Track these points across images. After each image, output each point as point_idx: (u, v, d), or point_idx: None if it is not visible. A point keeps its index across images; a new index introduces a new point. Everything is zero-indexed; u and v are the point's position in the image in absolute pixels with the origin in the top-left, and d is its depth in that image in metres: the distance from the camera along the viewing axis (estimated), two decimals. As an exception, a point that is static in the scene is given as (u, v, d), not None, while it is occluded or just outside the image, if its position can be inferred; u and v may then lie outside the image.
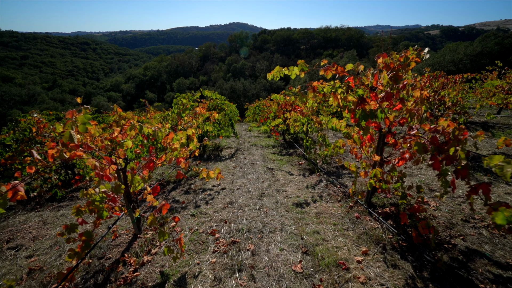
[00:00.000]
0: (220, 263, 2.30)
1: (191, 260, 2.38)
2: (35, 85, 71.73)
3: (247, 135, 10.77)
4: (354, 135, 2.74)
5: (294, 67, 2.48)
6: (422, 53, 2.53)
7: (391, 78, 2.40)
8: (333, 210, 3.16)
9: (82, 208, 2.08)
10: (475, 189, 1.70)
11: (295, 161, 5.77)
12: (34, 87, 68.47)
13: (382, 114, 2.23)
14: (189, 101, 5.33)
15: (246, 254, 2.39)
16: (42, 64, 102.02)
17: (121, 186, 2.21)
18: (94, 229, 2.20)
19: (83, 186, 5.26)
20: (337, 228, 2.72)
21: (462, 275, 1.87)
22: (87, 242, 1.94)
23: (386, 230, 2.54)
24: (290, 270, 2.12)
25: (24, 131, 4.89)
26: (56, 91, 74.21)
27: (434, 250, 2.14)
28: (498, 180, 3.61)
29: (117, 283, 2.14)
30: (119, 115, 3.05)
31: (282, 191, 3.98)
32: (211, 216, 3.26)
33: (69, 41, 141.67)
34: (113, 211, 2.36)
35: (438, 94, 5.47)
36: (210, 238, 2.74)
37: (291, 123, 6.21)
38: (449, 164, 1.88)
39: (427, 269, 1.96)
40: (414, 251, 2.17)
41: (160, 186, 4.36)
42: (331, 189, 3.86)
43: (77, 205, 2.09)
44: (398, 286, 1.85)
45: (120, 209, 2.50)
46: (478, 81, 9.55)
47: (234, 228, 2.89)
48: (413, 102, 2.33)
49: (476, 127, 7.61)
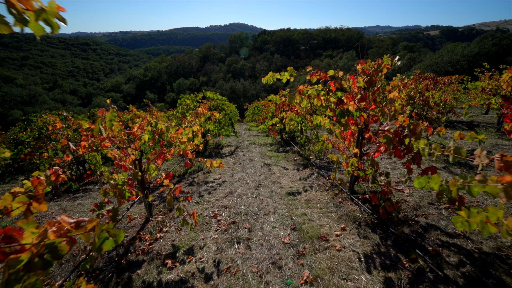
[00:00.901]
0: (221, 238, 2.74)
1: (197, 236, 2.81)
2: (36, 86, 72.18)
3: (246, 134, 11.21)
4: (336, 130, 3.17)
5: (284, 73, 2.91)
6: (394, 60, 2.97)
7: (367, 82, 2.84)
8: (321, 197, 3.60)
9: (108, 190, 2.52)
10: (425, 171, 2.13)
11: (290, 158, 6.21)
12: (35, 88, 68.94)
13: (357, 112, 2.67)
14: (193, 101, 5.76)
15: (244, 231, 2.83)
16: (43, 65, 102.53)
17: (139, 173, 2.65)
18: (119, 206, 2.62)
19: (94, 180, 5.69)
20: (322, 211, 3.15)
21: (417, 241, 2.31)
22: (114, 217, 2.37)
23: (363, 211, 2.98)
24: (280, 241, 2.55)
25: (41, 129, 5.32)
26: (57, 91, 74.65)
27: (399, 225, 2.58)
28: (470, 172, 4.06)
29: (136, 253, 2.57)
30: (134, 114, 3.50)
31: (277, 182, 4.42)
32: (213, 203, 3.69)
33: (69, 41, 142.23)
34: (130, 195, 2.79)
35: (422, 95, 5.91)
36: (213, 220, 3.17)
37: (286, 122, 6.64)
38: (408, 153, 2.31)
39: (391, 238, 2.40)
40: (382, 226, 2.62)
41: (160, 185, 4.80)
42: (320, 181, 4.30)
43: (103, 188, 2.52)
44: (366, 251, 2.28)
45: (136, 194, 2.93)
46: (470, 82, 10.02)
47: (233, 212, 3.33)
48: (384, 102, 2.77)
49: (462, 126, 8.06)
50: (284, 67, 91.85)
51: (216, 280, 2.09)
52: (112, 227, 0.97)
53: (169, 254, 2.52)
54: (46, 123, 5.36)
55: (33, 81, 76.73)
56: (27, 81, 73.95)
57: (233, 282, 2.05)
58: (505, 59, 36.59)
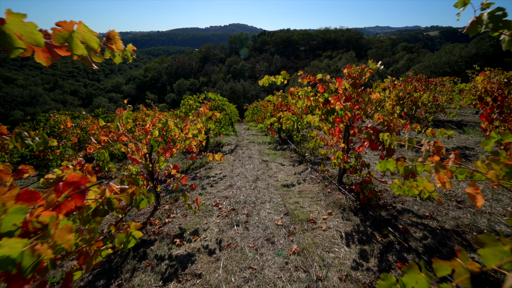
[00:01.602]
0: (223, 222, 3.11)
1: (201, 221, 3.18)
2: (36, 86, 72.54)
3: (246, 133, 11.59)
4: (325, 128, 3.55)
5: (278, 76, 3.28)
6: (377, 65, 3.34)
7: (352, 84, 3.21)
8: (312, 189, 3.97)
9: (124, 179, 2.89)
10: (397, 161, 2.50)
11: (287, 155, 6.58)
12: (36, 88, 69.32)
13: (342, 111, 3.04)
14: (195, 102, 6.14)
15: (242, 216, 3.20)
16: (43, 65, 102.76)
17: (149, 165, 3.03)
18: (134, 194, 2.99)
19: (102, 176, 6.05)
20: (313, 200, 3.52)
21: (391, 222, 2.68)
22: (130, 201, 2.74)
23: (348, 199, 3.35)
24: (274, 224, 2.92)
25: (53, 127, 5.69)
26: (57, 92, 75.01)
27: (378, 209, 2.95)
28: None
29: (148, 234, 2.94)
30: (144, 112, 3.88)
31: (274, 177, 4.79)
32: (215, 194, 4.06)
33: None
34: (142, 184, 3.16)
35: (411, 96, 6.28)
36: (215, 208, 3.54)
37: (283, 121, 7.02)
38: (381, 146, 2.68)
39: (369, 220, 2.77)
40: (363, 210, 2.99)
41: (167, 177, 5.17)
42: (313, 175, 4.67)
43: (120, 177, 2.90)
44: (347, 230, 2.65)
45: (146, 184, 3.30)
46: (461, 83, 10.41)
47: (233, 201, 3.70)
48: (365, 103, 3.14)
49: (451, 125, 8.43)
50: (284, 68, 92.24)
51: (218, 254, 2.46)
52: (127, 209, 1.33)
53: (177, 235, 2.89)
54: (58, 122, 5.73)
55: (34, 82, 77.09)
56: (28, 82, 74.31)
57: (233, 255, 2.42)
58: (503, 60, 36.95)
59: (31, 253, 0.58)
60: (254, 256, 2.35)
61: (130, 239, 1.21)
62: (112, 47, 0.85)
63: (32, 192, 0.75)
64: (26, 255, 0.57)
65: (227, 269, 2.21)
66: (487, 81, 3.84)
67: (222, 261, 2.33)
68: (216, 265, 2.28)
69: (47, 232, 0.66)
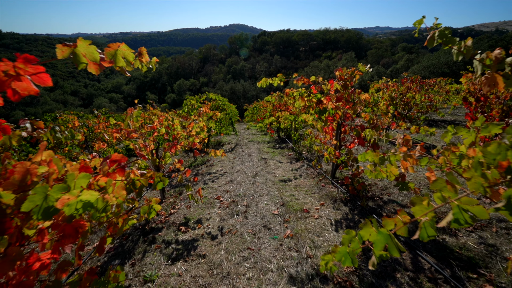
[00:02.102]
0: (224, 212, 3.38)
1: (204, 212, 3.46)
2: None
3: (245, 133, 11.87)
4: (318, 126, 3.82)
5: (275, 78, 3.56)
6: (366, 68, 3.61)
7: (342, 86, 3.49)
8: (308, 183, 4.24)
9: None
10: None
11: (285, 153, 6.85)
12: (37, 89, 69.58)
13: (333, 111, 3.31)
14: (197, 102, 6.42)
15: (242, 207, 3.47)
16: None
17: (156, 160, 3.30)
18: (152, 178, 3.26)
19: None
20: (307, 193, 3.80)
21: (377, 211, 2.95)
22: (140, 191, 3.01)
23: (340, 192, 3.63)
24: (271, 213, 3.20)
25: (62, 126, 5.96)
26: (58, 92, 75.30)
27: (366, 200, 3.22)
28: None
29: (156, 223, 3.22)
30: (151, 112, 4.15)
31: (272, 173, 5.06)
32: (216, 189, 4.33)
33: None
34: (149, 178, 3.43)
35: (404, 96, 6.56)
36: (216, 201, 3.82)
37: (282, 121, 7.29)
38: (367, 142, 2.95)
39: (357, 209, 3.05)
40: (352, 201, 3.26)
41: (172, 172, 5.44)
42: (309, 171, 4.94)
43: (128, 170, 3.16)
44: (337, 218, 2.93)
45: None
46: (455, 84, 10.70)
47: (233, 194, 3.97)
48: (355, 103, 3.41)
49: (444, 124, 8.71)
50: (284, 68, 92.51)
51: (220, 238, 2.73)
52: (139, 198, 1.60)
53: (182, 223, 3.16)
54: (66, 121, 6.00)
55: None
56: (29, 82, 74.46)
57: (233, 239, 2.69)
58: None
59: (102, 199, 0.85)
60: (252, 240, 2.62)
61: (151, 210, 1.49)
62: (142, 59, 1.12)
63: (87, 167, 1.03)
64: (99, 201, 0.84)
65: (228, 250, 2.49)
66: (471, 82, 4.11)
67: (224, 244, 2.61)
68: (218, 248, 2.55)
69: (106, 190, 0.93)
